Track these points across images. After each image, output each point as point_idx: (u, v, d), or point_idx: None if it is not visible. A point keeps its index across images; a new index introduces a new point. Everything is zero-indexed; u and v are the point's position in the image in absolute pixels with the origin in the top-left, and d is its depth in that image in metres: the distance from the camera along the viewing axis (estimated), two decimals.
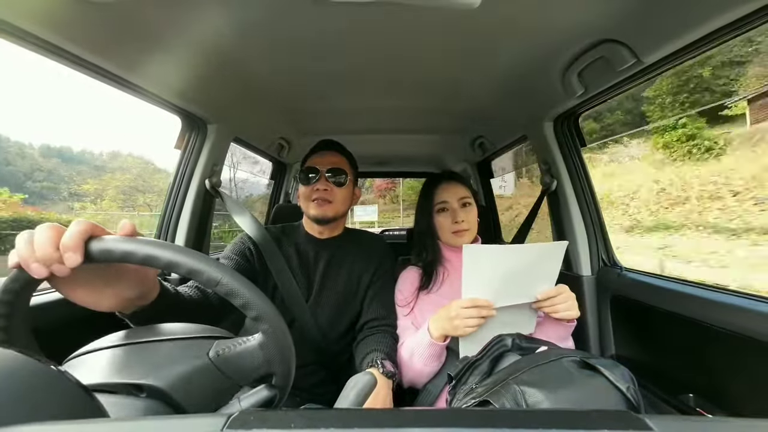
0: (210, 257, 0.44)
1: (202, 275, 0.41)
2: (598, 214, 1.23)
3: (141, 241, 0.41)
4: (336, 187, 0.98)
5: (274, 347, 0.44)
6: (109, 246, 0.40)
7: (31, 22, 0.64)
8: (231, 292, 0.42)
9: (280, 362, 0.45)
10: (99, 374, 0.39)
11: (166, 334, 0.46)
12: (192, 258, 0.41)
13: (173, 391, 0.39)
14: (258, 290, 0.44)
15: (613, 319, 1.15)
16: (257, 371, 0.45)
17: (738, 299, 0.78)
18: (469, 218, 1.01)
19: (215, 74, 1.01)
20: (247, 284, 0.43)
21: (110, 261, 0.41)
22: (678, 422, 0.25)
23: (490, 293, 0.77)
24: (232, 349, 0.45)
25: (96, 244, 0.40)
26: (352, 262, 1.02)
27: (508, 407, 0.57)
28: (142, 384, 0.38)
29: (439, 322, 0.82)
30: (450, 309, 0.79)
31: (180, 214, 1.21)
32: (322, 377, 0.96)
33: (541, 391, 0.58)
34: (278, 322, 0.44)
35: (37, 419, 0.25)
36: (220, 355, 0.44)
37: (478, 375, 0.72)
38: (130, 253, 0.40)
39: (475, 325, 0.76)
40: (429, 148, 2.17)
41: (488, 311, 0.77)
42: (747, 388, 0.76)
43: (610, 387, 0.60)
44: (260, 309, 0.43)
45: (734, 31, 0.67)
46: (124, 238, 0.41)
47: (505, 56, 0.97)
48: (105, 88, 0.88)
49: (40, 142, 18.81)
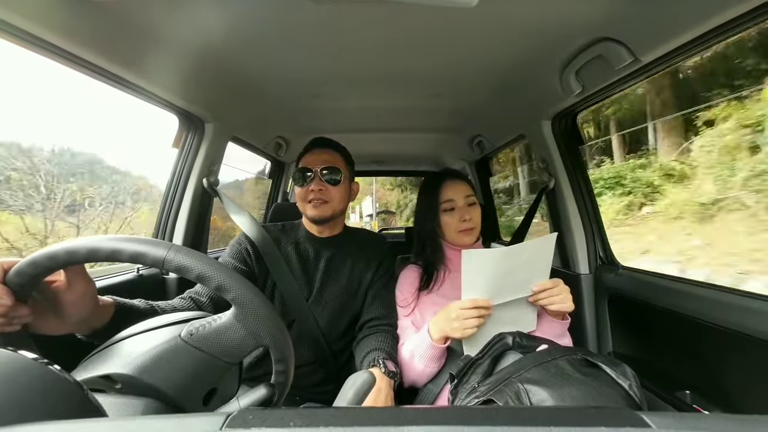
0: (150, 239, 0.43)
1: (145, 257, 0.41)
2: (595, 213, 1.24)
3: (58, 244, 0.41)
4: (331, 186, 0.96)
5: (252, 317, 0.43)
6: (24, 267, 0.41)
7: (27, 20, 0.63)
8: (181, 268, 0.41)
9: (268, 335, 0.44)
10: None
11: (139, 330, 0.46)
12: (124, 242, 0.41)
13: (145, 375, 0.39)
14: (212, 261, 0.43)
15: (611, 316, 1.16)
16: (245, 346, 0.44)
17: (735, 297, 0.78)
18: (475, 217, 1.00)
19: (213, 73, 1.00)
20: (199, 257, 0.42)
21: (38, 277, 0.42)
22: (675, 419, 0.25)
23: (488, 294, 0.78)
24: (207, 327, 0.44)
25: (13, 272, 0.41)
26: (353, 262, 1.01)
27: (513, 406, 0.57)
28: (110, 374, 0.39)
29: (438, 324, 0.82)
30: (450, 311, 0.79)
31: (178, 214, 1.20)
32: (322, 377, 0.96)
33: (545, 389, 0.58)
34: (244, 289, 0.43)
35: (36, 419, 0.25)
36: (193, 334, 0.44)
37: (479, 374, 0.72)
38: (52, 258, 0.41)
39: (475, 326, 0.76)
40: (427, 146, 2.17)
41: (488, 311, 0.77)
42: (743, 385, 0.77)
43: (613, 384, 0.61)
44: (219, 279, 0.42)
45: (731, 29, 0.67)
46: (37, 253, 0.42)
47: (502, 55, 0.97)
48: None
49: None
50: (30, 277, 0.41)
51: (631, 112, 6.67)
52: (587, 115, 6.27)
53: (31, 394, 0.27)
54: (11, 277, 0.42)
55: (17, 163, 2.97)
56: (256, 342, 0.44)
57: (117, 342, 0.44)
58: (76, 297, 0.50)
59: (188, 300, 0.77)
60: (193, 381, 0.43)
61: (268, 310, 0.45)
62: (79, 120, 5.23)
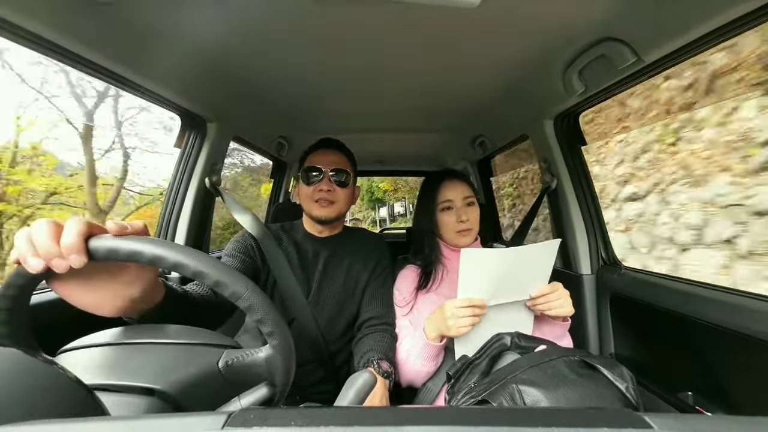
0: (231, 267, 0.44)
1: (227, 288, 0.42)
2: (597, 213, 1.23)
3: (148, 240, 0.41)
4: (339, 187, 0.97)
5: (281, 362, 0.45)
6: (112, 245, 0.40)
7: (31, 20, 0.63)
8: (251, 307, 0.42)
9: (282, 374, 0.45)
10: (107, 373, 0.40)
11: (173, 338, 0.46)
12: (216, 269, 0.41)
13: (181, 397, 0.40)
14: (274, 307, 0.45)
15: (613, 317, 1.15)
16: (257, 380, 0.46)
17: (738, 298, 0.78)
18: (473, 218, 1.00)
19: (215, 73, 1.01)
20: (266, 300, 0.44)
21: (115, 260, 0.41)
22: (677, 420, 0.25)
23: (485, 294, 0.78)
24: (241, 360, 0.45)
25: (99, 242, 0.40)
26: (351, 261, 1.02)
27: (514, 406, 0.57)
28: (154, 388, 0.39)
29: (434, 322, 0.82)
30: (445, 309, 0.79)
31: (180, 213, 1.21)
32: (321, 376, 0.96)
33: (540, 390, 0.58)
34: (288, 339, 0.45)
35: (37, 417, 0.25)
36: (229, 366, 0.44)
37: (476, 374, 0.72)
38: (137, 252, 0.40)
39: (469, 324, 0.76)
40: (429, 147, 2.17)
41: (482, 310, 0.77)
42: (746, 387, 0.77)
43: (610, 386, 0.60)
44: (275, 325, 0.44)
45: (735, 29, 0.67)
46: (130, 237, 0.41)
47: (505, 55, 0.97)
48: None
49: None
50: (104, 256, 0.40)
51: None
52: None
53: (34, 393, 0.27)
54: (95, 244, 0.40)
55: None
56: (270, 378, 0.46)
57: (148, 344, 0.44)
58: (132, 277, 0.48)
59: (203, 287, 0.75)
60: (209, 407, 0.43)
61: (294, 352, 0.46)
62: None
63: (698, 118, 2.99)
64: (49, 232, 0.39)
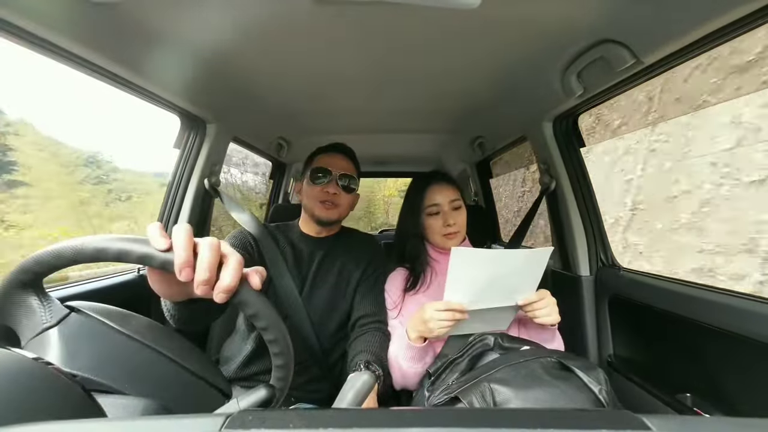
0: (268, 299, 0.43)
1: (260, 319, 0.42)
2: (596, 214, 1.23)
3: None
4: (345, 192, 0.99)
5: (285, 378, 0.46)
6: (249, 299, 0.40)
7: (31, 21, 0.63)
8: (254, 315, 0.42)
9: (282, 375, 0.46)
10: (109, 370, 0.39)
11: (180, 357, 0.45)
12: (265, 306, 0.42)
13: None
14: (287, 334, 0.45)
15: (612, 319, 1.15)
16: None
17: (736, 300, 0.78)
18: (460, 221, 1.01)
19: (214, 74, 1.01)
20: (281, 328, 0.44)
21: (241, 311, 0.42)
22: (676, 422, 0.25)
23: (472, 295, 0.77)
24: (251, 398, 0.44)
25: (245, 293, 0.40)
26: (344, 260, 1.03)
27: (477, 404, 0.57)
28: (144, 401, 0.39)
29: (413, 324, 0.83)
30: (424, 311, 0.79)
31: (179, 214, 1.20)
32: (315, 375, 0.97)
33: (511, 389, 0.59)
34: (286, 338, 0.45)
35: (36, 419, 0.25)
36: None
37: (456, 372, 0.73)
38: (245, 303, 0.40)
39: (446, 327, 0.77)
40: (428, 148, 2.17)
41: (461, 315, 0.77)
42: (744, 388, 0.77)
43: (583, 388, 0.61)
44: (271, 323, 0.43)
45: (734, 31, 0.67)
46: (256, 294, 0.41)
47: (504, 56, 0.97)
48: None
49: None
50: (242, 308, 0.42)
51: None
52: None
53: (31, 394, 0.27)
54: (243, 293, 0.41)
55: None
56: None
57: (157, 352, 0.44)
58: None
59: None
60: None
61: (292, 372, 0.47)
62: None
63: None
64: (213, 261, 0.38)
